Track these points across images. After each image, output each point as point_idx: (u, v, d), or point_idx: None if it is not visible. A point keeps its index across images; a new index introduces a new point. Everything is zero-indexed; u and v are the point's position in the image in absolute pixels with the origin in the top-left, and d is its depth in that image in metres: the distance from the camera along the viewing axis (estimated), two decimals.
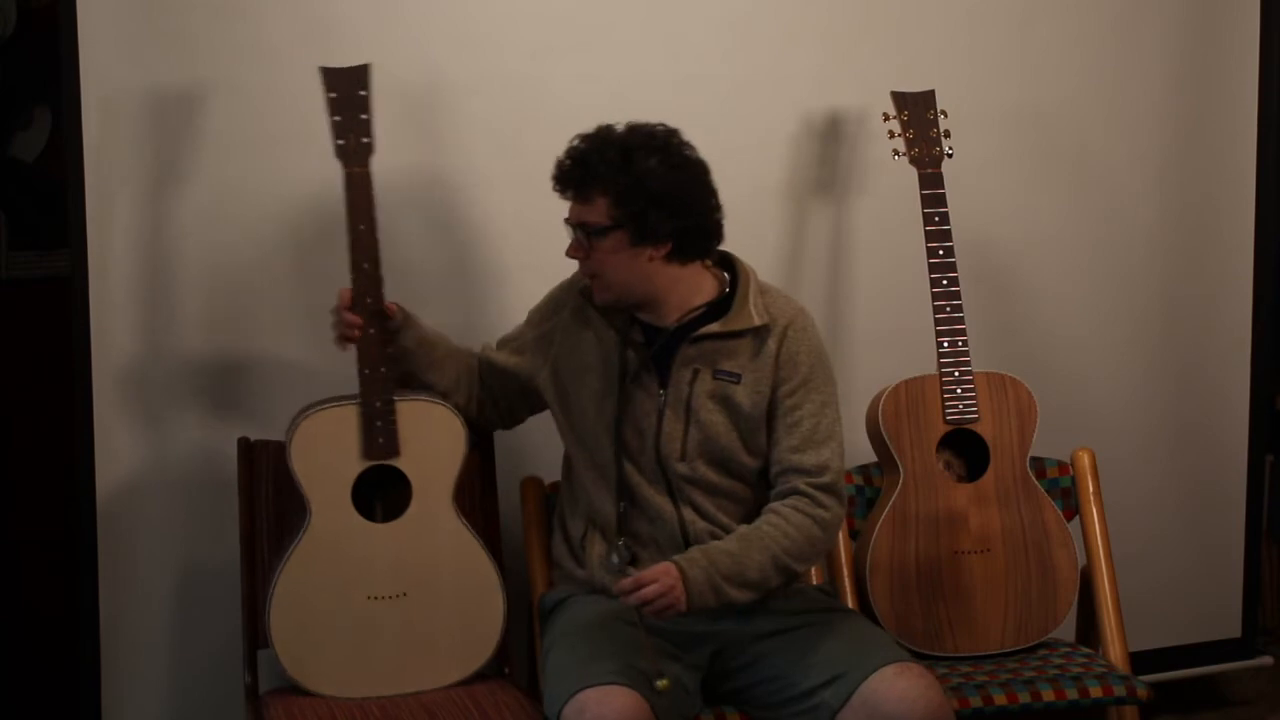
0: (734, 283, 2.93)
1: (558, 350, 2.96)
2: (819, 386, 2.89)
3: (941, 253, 3.26)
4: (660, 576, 2.69)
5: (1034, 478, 3.25)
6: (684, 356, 2.88)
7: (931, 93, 3.35)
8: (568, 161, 2.85)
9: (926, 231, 3.27)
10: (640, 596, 2.68)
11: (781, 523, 2.82)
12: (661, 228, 2.81)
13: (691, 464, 2.88)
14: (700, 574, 2.73)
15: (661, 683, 2.68)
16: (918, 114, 3.33)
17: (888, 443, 3.20)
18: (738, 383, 2.88)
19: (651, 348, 2.89)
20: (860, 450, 3.30)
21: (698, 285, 2.90)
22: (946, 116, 3.34)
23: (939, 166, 3.30)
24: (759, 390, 2.88)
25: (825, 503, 2.84)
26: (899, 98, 3.34)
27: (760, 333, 2.88)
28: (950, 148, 3.32)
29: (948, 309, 3.23)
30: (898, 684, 2.68)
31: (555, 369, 2.96)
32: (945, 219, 3.27)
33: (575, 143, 2.85)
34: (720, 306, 2.90)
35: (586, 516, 2.96)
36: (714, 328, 2.87)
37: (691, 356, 2.88)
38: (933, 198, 3.28)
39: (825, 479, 2.85)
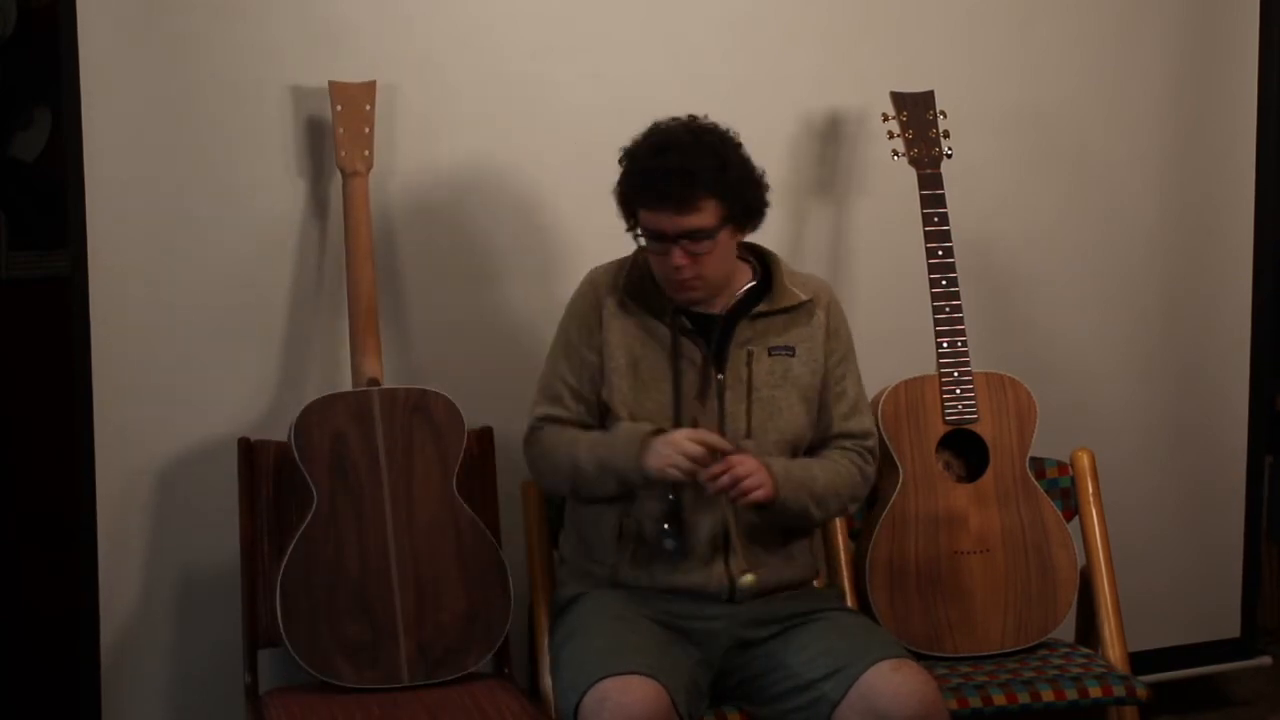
0: (766, 264, 3.00)
1: (607, 357, 2.92)
2: (854, 358, 3.04)
3: (941, 253, 3.26)
4: (745, 460, 2.79)
5: (1033, 478, 3.25)
6: (740, 338, 2.93)
7: (931, 93, 3.35)
8: (668, 176, 2.81)
9: (926, 232, 3.27)
10: (734, 474, 2.76)
11: (836, 460, 2.97)
12: (760, 205, 2.91)
13: (758, 442, 2.90)
14: (780, 468, 2.86)
15: (747, 578, 2.86)
16: (917, 114, 3.33)
17: (887, 443, 3.20)
18: (793, 355, 2.95)
19: (705, 334, 2.92)
20: None
21: (741, 269, 2.99)
22: (946, 117, 3.34)
23: (938, 167, 3.31)
24: (815, 359, 2.97)
25: (871, 461, 3.02)
26: (898, 98, 3.35)
27: (806, 306, 2.97)
28: (950, 148, 3.32)
29: (947, 309, 3.24)
30: (894, 679, 2.71)
31: (608, 375, 2.92)
32: (945, 219, 3.27)
33: (659, 158, 2.82)
34: (760, 288, 2.97)
35: (620, 508, 2.93)
36: (763, 306, 2.94)
37: (747, 337, 2.93)
38: (932, 198, 3.28)
39: (869, 443, 3.03)
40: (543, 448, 2.94)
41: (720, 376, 2.92)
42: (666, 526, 2.87)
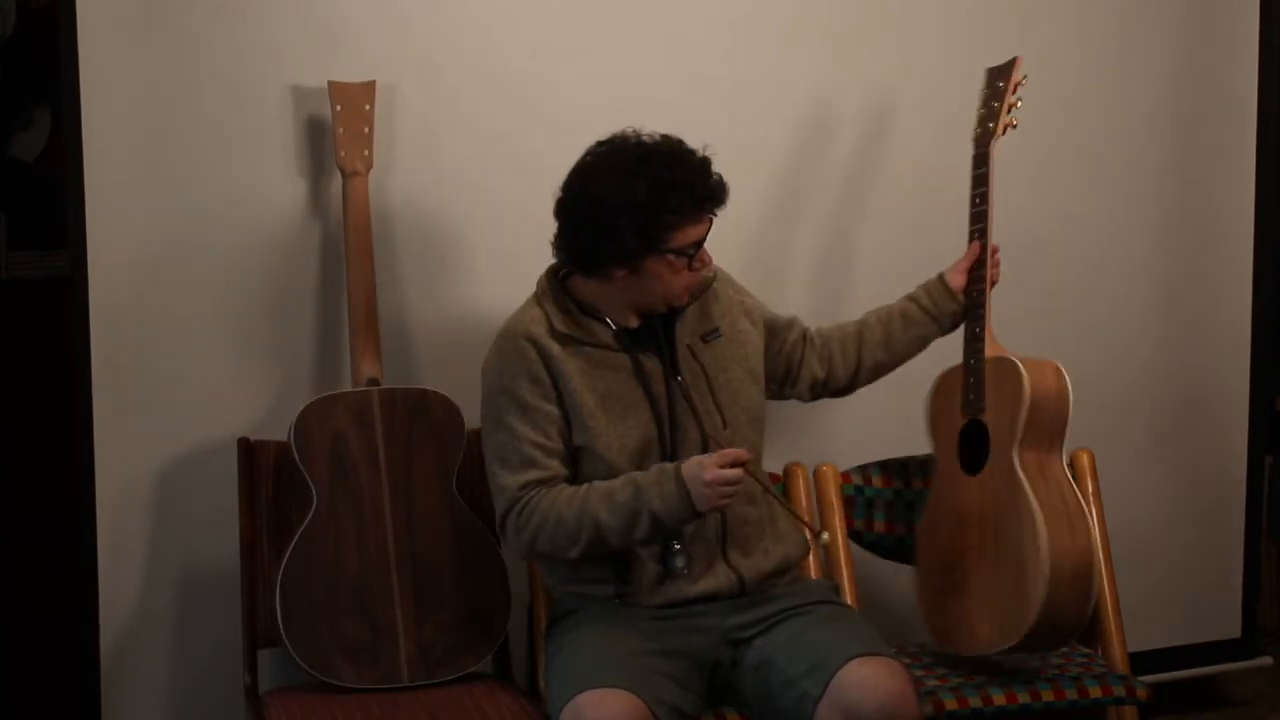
0: None
1: (572, 405, 2.86)
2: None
3: (976, 235, 3.19)
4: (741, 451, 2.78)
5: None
6: (680, 337, 2.92)
7: (1010, 62, 3.20)
8: (721, 182, 2.82)
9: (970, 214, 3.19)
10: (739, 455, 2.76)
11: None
12: None
13: (732, 428, 2.91)
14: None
15: (825, 536, 2.95)
16: (995, 88, 3.21)
17: (931, 438, 3.18)
18: (721, 336, 2.95)
19: (657, 342, 2.90)
20: (867, 448, 3.30)
21: None
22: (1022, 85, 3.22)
23: (987, 145, 3.19)
24: (740, 331, 2.98)
25: None
26: (992, 73, 3.21)
27: (711, 286, 2.98)
28: (1014, 121, 3.20)
29: (974, 293, 3.17)
30: (861, 671, 2.71)
31: (580, 421, 2.86)
32: (984, 199, 3.18)
33: (708, 166, 2.81)
34: None
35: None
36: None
37: (684, 334, 2.92)
38: (976, 177, 3.19)
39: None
40: (542, 515, 2.80)
41: (680, 378, 2.91)
42: (677, 546, 2.86)
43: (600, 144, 2.85)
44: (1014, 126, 3.21)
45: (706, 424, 2.89)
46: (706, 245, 2.85)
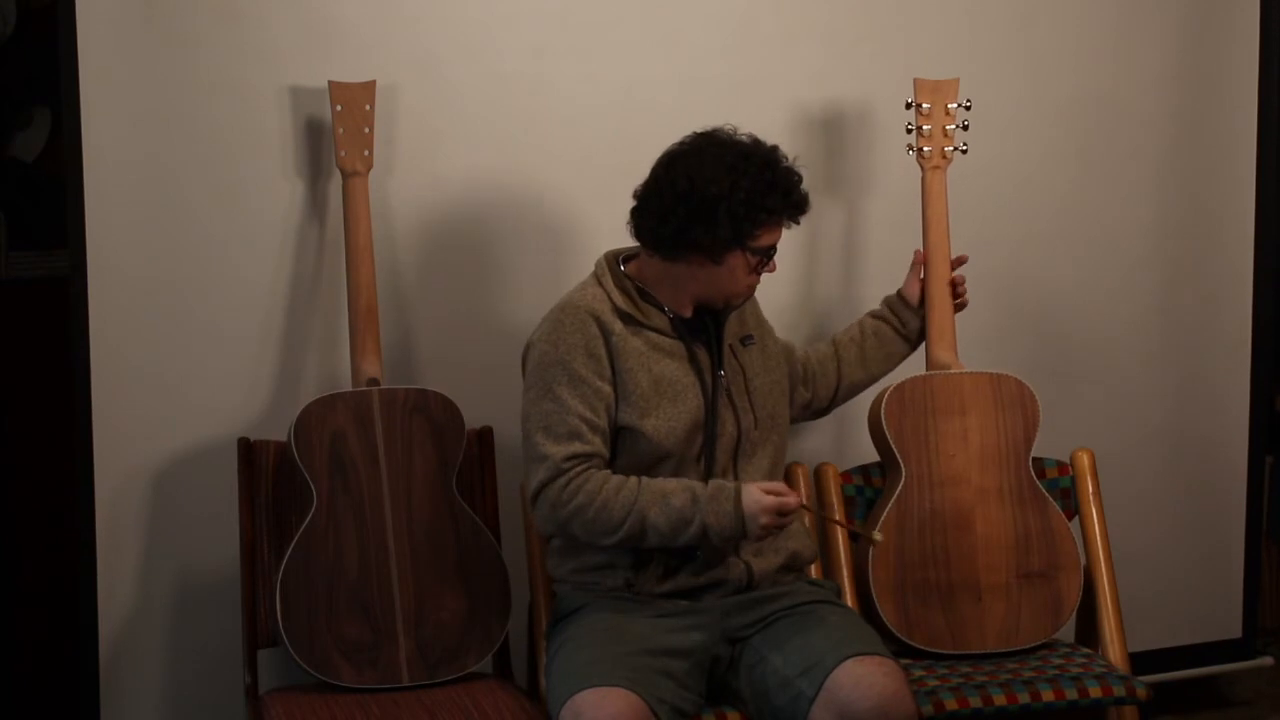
0: None
1: (626, 383, 2.89)
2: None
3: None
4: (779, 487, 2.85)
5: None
6: (725, 335, 2.96)
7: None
8: (807, 194, 2.89)
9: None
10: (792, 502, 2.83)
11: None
12: None
13: (762, 430, 2.95)
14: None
15: (878, 535, 2.99)
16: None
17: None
18: (754, 343, 3.00)
19: (706, 336, 2.94)
20: (867, 448, 3.31)
21: None
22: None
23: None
24: (767, 344, 3.04)
25: None
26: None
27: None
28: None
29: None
30: (856, 670, 2.73)
31: (631, 401, 2.88)
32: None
33: (799, 177, 2.88)
34: None
35: None
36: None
37: (728, 334, 2.97)
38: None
39: None
40: (587, 497, 2.81)
41: (722, 373, 2.93)
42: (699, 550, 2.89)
43: (699, 135, 2.89)
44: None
45: (743, 420, 2.93)
46: None
